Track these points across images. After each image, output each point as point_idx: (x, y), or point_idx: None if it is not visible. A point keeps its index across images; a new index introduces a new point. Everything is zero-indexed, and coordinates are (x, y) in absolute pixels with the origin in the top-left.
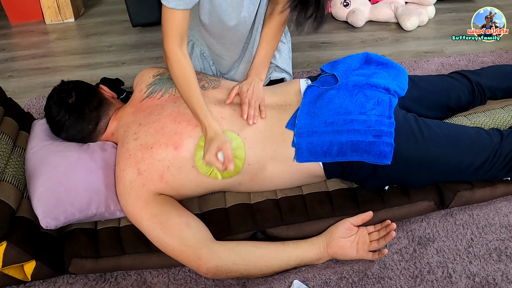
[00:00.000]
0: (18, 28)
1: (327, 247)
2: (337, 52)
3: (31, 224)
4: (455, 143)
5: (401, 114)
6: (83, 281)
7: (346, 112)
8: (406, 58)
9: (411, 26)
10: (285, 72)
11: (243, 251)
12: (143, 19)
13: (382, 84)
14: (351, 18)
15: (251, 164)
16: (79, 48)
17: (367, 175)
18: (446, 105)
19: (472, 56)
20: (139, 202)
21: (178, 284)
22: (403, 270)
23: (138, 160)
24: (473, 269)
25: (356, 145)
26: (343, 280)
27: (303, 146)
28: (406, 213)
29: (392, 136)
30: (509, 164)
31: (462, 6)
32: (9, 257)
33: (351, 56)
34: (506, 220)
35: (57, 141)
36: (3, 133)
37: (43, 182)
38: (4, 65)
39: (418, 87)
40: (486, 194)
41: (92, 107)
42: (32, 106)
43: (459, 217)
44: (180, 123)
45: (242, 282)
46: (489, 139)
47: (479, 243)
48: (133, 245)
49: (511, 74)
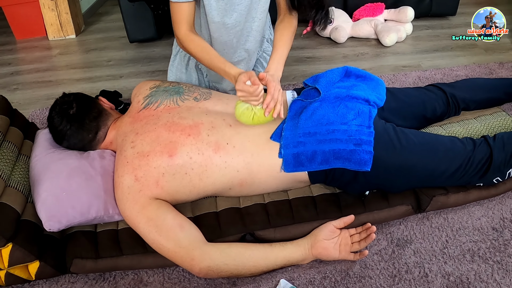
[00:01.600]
0: (23, 44)
1: (312, 248)
2: (320, 66)
3: (35, 226)
4: (431, 151)
5: (380, 124)
6: (84, 280)
7: (328, 123)
8: (386, 72)
9: (390, 42)
10: None
11: (233, 252)
12: (140, 36)
13: (362, 96)
14: (334, 35)
15: (240, 170)
16: (80, 63)
17: (349, 180)
18: (422, 115)
19: (447, 70)
20: (136, 207)
21: (172, 283)
22: (383, 270)
23: (135, 167)
24: (448, 269)
25: (338, 153)
26: (327, 279)
27: (290, 157)
28: (385, 217)
29: (372, 145)
30: (481, 171)
31: (438, 24)
32: (15, 257)
33: (332, 70)
34: (479, 223)
35: (59, 149)
36: (9, 141)
37: (46, 188)
38: (10, 78)
39: (397, 99)
40: (460, 198)
41: (92, 118)
42: (36, 117)
43: (435, 220)
44: (174, 133)
45: (232, 281)
46: (462, 147)
47: (453, 245)
48: (130, 247)
49: (483, 87)
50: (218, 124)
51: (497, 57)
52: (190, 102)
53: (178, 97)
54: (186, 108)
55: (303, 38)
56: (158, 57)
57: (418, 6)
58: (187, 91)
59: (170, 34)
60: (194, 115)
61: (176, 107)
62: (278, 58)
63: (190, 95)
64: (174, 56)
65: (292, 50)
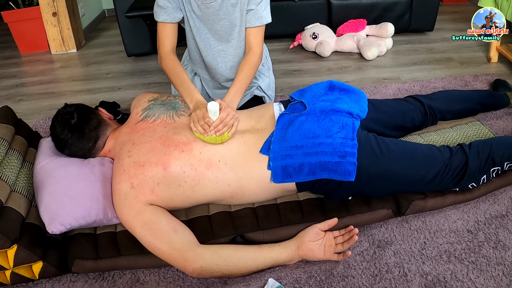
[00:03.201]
0: (27, 58)
1: (298, 249)
2: (306, 79)
3: (38, 229)
4: (410, 158)
5: (363, 134)
6: (84, 279)
7: (314, 136)
8: (367, 84)
9: (372, 56)
10: (266, 94)
11: (225, 253)
12: (137, 50)
13: (345, 109)
14: (319, 49)
15: (231, 184)
16: (80, 75)
17: (334, 188)
18: (402, 125)
19: (425, 82)
20: (132, 212)
21: (167, 282)
22: (365, 270)
23: (131, 175)
24: (426, 269)
25: (324, 165)
26: (312, 279)
27: (278, 169)
28: (367, 220)
29: (355, 156)
30: (458, 177)
31: (416, 39)
32: (19, 258)
33: (317, 84)
34: (455, 226)
35: (61, 157)
36: (14, 149)
37: (49, 193)
38: (15, 90)
39: (378, 110)
40: (437, 203)
41: (92, 127)
42: (39, 126)
43: (414, 223)
44: (169, 147)
45: (223, 280)
46: (440, 155)
47: (431, 246)
48: (128, 248)
49: (459, 98)
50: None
51: (471, 70)
52: (185, 119)
53: (175, 112)
54: (181, 125)
55: (290, 52)
56: (154, 70)
57: (398, 22)
58: (183, 106)
59: None
60: (188, 132)
61: (172, 122)
62: (235, 91)
63: (185, 111)
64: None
65: (280, 64)
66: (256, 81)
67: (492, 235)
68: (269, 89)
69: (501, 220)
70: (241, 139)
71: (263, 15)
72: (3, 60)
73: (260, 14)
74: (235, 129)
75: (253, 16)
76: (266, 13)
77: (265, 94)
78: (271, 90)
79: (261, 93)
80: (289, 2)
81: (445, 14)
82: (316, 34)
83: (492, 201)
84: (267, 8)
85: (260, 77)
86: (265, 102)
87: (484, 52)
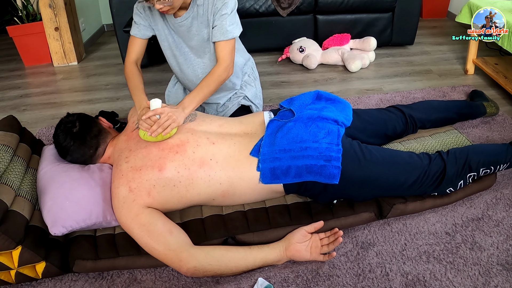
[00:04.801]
0: (31, 70)
1: (286, 250)
2: (294, 90)
3: (41, 231)
4: (391, 164)
5: (347, 141)
6: (85, 278)
7: (301, 141)
8: (351, 95)
9: (355, 68)
10: (254, 103)
11: (217, 254)
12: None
13: (331, 117)
14: (305, 62)
15: (222, 183)
16: (81, 86)
17: (319, 191)
18: (384, 133)
19: (405, 93)
20: (130, 214)
21: (163, 281)
22: (349, 270)
23: (129, 179)
24: (406, 269)
25: (310, 168)
26: (299, 278)
27: (267, 170)
28: (351, 222)
29: (340, 161)
30: (436, 182)
31: (398, 52)
32: (24, 258)
33: (305, 93)
34: (434, 228)
35: (63, 163)
36: (18, 156)
37: (52, 197)
38: (20, 100)
39: (361, 119)
40: (417, 206)
41: (93, 135)
42: (42, 134)
43: (395, 225)
44: (163, 150)
45: (216, 279)
46: (419, 162)
47: (411, 247)
48: (126, 249)
49: (437, 108)
50: (202, 143)
51: (449, 81)
52: None
53: None
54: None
55: (278, 64)
56: (150, 81)
57: (380, 37)
58: None
59: (160, 61)
60: (181, 135)
61: None
62: (193, 96)
63: None
64: (173, 84)
65: (269, 75)
66: (243, 91)
67: (468, 237)
68: (256, 98)
69: (477, 223)
70: (231, 141)
71: (228, 29)
72: (8, 72)
73: (226, 29)
74: (170, 130)
75: (218, 31)
76: (232, 28)
77: (251, 103)
78: (258, 99)
79: (248, 102)
80: (278, 18)
81: (425, 29)
82: (303, 48)
83: (469, 205)
84: (234, 23)
85: (246, 87)
86: (252, 111)
87: (461, 65)
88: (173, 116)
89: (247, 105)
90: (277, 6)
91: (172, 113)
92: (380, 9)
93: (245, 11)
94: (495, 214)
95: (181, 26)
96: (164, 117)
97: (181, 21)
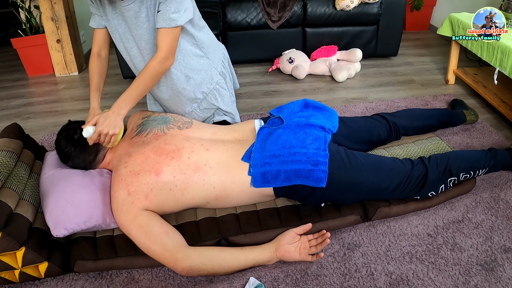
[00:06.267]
0: (34, 80)
1: (276, 251)
2: (283, 99)
3: (44, 233)
4: (376, 169)
5: (334, 147)
6: (85, 278)
7: (290, 146)
8: (338, 103)
9: (342, 78)
10: (227, 114)
11: (211, 254)
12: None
13: (318, 124)
14: (294, 72)
15: (216, 187)
16: (81, 96)
17: (307, 195)
18: (369, 140)
19: (389, 101)
20: (129, 216)
21: (159, 280)
22: (336, 269)
23: (128, 183)
24: (390, 269)
25: (298, 172)
26: (289, 277)
27: (258, 175)
28: (338, 225)
29: (327, 165)
30: (418, 186)
31: (382, 63)
32: (27, 259)
33: (293, 102)
34: (416, 230)
35: (65, 168)
36: (22, 162)
37: (54, 201)
38: (23, 109)
39: (347, 126)
40: (401, 209)
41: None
42: (45, 141)
43: (379, 228)
44: (160, 156)
45: (209, 278)
46: (402, 167)
47: (395, 248)
48: (124, 250)
49: (420, 116)
50: (197, 149)
51: (431, 91)
52: (174, 131)
53: (165, 125)
54: (171, 136)
55: (268, 75)
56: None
57: (366, 48)
58: (172, 120)
59: None
60: (177, 141)
61: (163, 134)
62: (128, 94)
63: (174, 124)
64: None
65: (260, 85)
66: (216, 102)
67: (449, 239)
68: (229, 107)
69: (457, 225)
70: (224, 147)
71: (171, 16)
72: (13, 82)
73: (168, 16)
74: (115, 139)
75: (160, 16)
76: (176, 15)
77: (225, 116)
78: (230, 107)
79: (221, 117)
80: (269, 30)
81: (408, 41)
82: (292, 59)
83: (450, 208)
84: (181, 10)
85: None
86: (230, 123)
87: (442, 75)
88: (109, 130)
89: (221, 120)
90: (268, 19)
91: (105, 128)
92: (366, 22)
93: (238, 24)
94: (474, 216)
95: (128, 11)
96: (102, 137)
97: (127, 4)
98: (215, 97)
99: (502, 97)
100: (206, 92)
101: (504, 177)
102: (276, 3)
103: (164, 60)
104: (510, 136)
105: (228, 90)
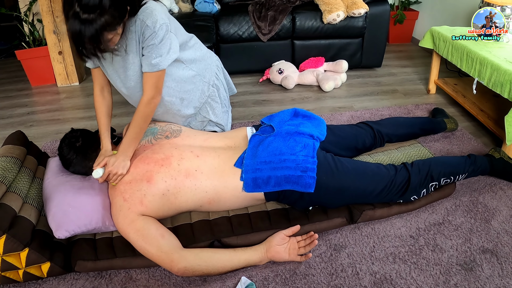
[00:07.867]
0: (37, 90)
1: (267, 252)
2: (273, 108)
3: (46, 235)
4: (361, 175)
5: (321, 154)
6: (85, 277)
7: (280, 153)
8: (325, 112)
9: (329, 88)
10: (218, 125)
11: (205, 255)
12: None
13: (307, 132)
14: (284, 82)
15: (208, 191)
16: (82, 104)
17: (296, 199)
18: (354, 147)
19: (374, 110)
20: (127, 220)
21: (155, 279)
22: (323, 269)
23: (122, 191)
24: (374, 269)
25: (288, 178)
26: (278, 277)
27: (249, 180)
28: (325, 227)
29: (315, 171)
30: (401, 191)
31: (367, 73)
32: (30, 259)
33: (284, 111)
34: (399, 232)
35: (66, 173)
36: (26, 167)
37: (56, 204)
38: (27, 117)
39: (334, 134)
40: (384, 212)
41: (94, 149)
42: (47, 148)
43: (364, 230)
44: (149, 164)
45: (203, 278)
46: (386, 172)
47: (379, 249)
48: (122, 251)
49: (403, 124)
50: (187, 156)
51: (413, 100)
52: (162, 140)
53: (153, 137)
54: (159, 146)
55: (259, 85)
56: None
57: (351, 60)
58: (160, 130)
59: None
60: (165, 150)
61: (150, 145)
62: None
63: (162, 134)
64: None
65: (251, 95)
66: (207, 115)
67: (431, 240)
68: (221, 118)
69: (438, 227)
70: (215, 154)
71: (152, 62)
72: (17, 92)
73: (150, 62)
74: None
75: (144, 61)
76: (158, 60)
77: (216, 127)
78: (221, 118)
79: (212, 128)
80: (259, 43)
81: (391, 53)
82: (281, 70)
83: (431, 211)
84: (162, 54)
85: (208, 112)
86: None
87: (424, 85)
88: (118, 170)
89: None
90: (259, 33)
91: (115, 169)
92: (351, 35)
93: (230, 37)
94: (454, 219)
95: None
96: (111, 176)
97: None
98: (207, 110)
99: (481, 106)
100: (199, 107)
101: (482, 182)
102: (266, 17)
103: (150, 101)
104: (488, 143)
105: (220, 102)
